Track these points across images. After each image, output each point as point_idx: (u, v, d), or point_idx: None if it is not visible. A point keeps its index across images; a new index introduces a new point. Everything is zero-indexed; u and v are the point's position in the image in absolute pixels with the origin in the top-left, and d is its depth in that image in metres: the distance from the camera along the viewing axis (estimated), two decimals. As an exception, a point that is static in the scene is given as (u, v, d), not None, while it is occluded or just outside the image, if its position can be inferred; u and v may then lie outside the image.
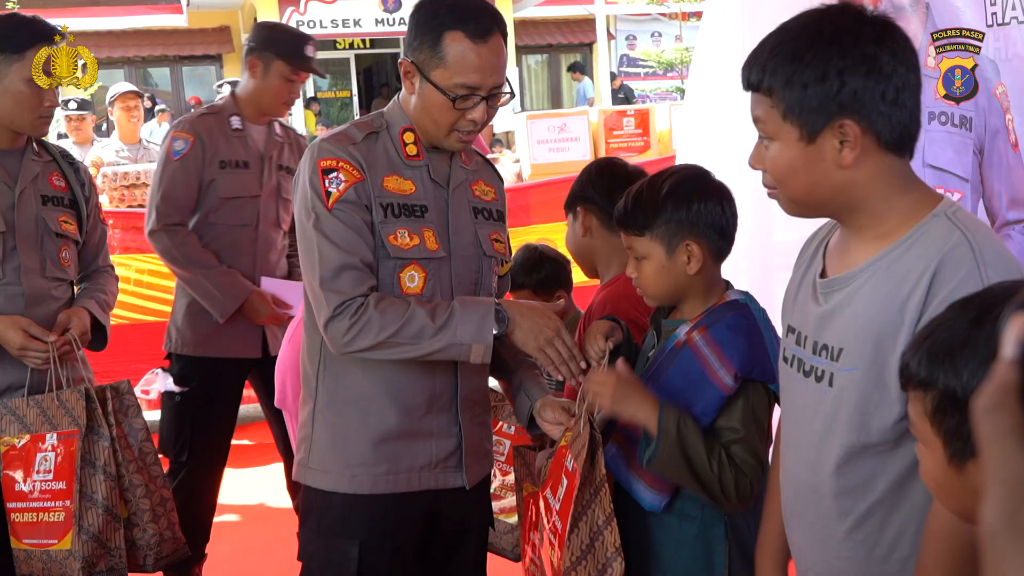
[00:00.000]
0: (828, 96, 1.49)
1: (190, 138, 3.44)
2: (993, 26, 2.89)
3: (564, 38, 22.46)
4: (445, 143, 2.19)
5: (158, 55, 20.49)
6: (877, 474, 1.54)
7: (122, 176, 5.62)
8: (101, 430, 2.56)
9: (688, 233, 1.96)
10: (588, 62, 21.98)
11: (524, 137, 8.33)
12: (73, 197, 2.84)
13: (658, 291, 2.03)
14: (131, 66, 20.50)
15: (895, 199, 1.54)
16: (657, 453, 1.87)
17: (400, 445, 2.17)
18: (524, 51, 22.06)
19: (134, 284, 5.16)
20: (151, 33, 20.11)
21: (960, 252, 1.45)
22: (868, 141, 1.51)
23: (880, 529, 1.55)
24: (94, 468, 2.52)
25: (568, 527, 1.88)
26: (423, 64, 2.11)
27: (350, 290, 2.05)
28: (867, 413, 1.52)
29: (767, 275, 4.04)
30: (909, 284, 1.47)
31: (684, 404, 1.92)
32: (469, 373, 2.24)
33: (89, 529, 2.49)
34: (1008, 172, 2.83)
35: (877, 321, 1.50)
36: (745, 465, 1.87)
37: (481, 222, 2.29)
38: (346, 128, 2.21)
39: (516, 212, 5.36)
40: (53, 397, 2.59)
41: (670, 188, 1.98)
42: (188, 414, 3.53)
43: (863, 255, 1.56)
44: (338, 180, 2.09)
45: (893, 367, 1.45)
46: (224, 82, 8.03)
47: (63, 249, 2.77)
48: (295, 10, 18.02)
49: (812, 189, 1.56)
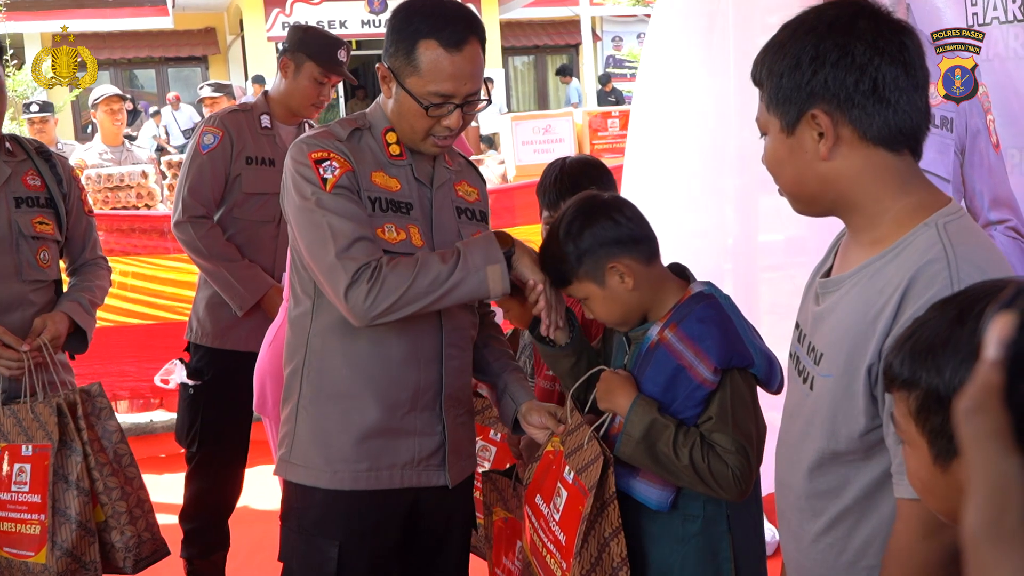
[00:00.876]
0: (799, 85, 1.49)
1: (219, 133, 3.47)
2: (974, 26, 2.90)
3: (550, 39, 22.47)
4: (422, 147, 2.20)
5: (144, 57, 20.42)
6: (847, 482, 1.53)
7: (105, 178, 5.58)
8: (74, 444, 2.53)
9: (604, 259, 1.97)
10: (574, 63, 21.98)
11: (509, 138, 8.32)
12: (50, 195, 2.80)
13: (617, 318, 2.03)
14: (117, 68, 20.42)
15: (889, 201, 1.50)
16: (619, 447, 1.91)
17: (383, 442, 2.16)
18: (510, 52, 22.05)
19: (118, 287, 5.11)
20: (137, 35, 20.04)
21: (935, 268, 1.39)
22: (847, 133, 1.48)
23: (848, 536, 1.54)
24: (67, 483, 2.49)
25: (579, 542, 1.88)
26: (398, 71, 2.12)
27: (364, 257, 2.04)
28: (836, 422, 1.51)
29: (752, 276, 4.05)
30: (884, 296, 1.44)
31: (666, 402, 1.92)
32: (454, 371, 2.23)
33: (63, 545, 2.46)
34: (990, 172, 2.84)
35: (853, 330, 1.48)
36: (724, 453, 1.86)
37: (464, 222, 2.29)
38: (330, 126, 2.21)
39: (501, 213, 5.36)
40: (28, 408, 2.56)
41: (563, 233, 2.01)
42: (200, 405, 3.56)
43: (857, 259, 1.53)
44: (332, 167, 2.09)
45: (861, 378, 1.45)
46: (206, 84, 8.00)
47: (41, 250, 2.74)
48: (280, 11, 17.97)
49: (799, 181, 1.55)
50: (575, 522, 1.91)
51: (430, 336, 2.19)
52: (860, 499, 1.52)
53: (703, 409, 1.90)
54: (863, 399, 1.46)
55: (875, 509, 1.51)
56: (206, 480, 3.60)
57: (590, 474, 1.90)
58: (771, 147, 1.57)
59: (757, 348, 1.94)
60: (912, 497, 1.36)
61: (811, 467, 1.56)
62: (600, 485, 1.88)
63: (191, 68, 21.19)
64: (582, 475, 1.92)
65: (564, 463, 2.00)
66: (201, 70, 21.08)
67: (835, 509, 1.55)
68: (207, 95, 7.59)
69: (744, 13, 3.94)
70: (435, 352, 2.20)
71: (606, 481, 1.89)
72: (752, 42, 3.94)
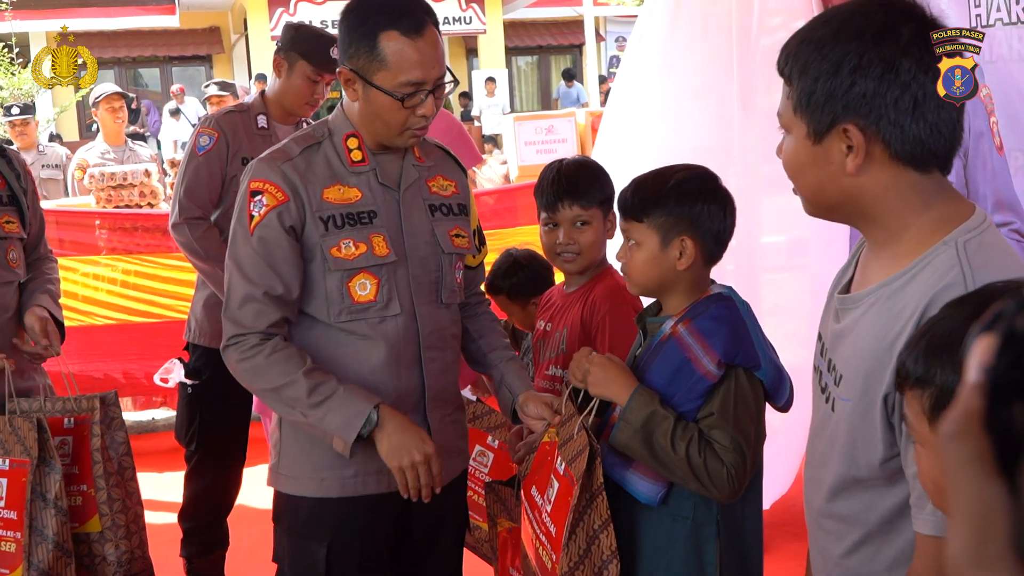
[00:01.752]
0: (835, 93, 1.38)
1: (215, 134, 3.47)
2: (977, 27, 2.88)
3: (554, 39, 22.46)
4: (398, 142, 2.17)
5: (148, 55, 20.43)
6: (870, 507, 1.49)
7: (108, 176, 5.57)
8: (53, 462, 2.48)
9: (685, 229, 1.97)
10: (578, 63, 21.98)
11: (511, 139, 8.30)
12: (12, 192, 2.76)
13: (644, 280, 2.03)
14: (121, 66, 20.44)
15: (911, 218, 1.43)
16: (616, 434, 1.90)
17: (368, 447, 2.12)
18: (514, 52, 22.04)
19: (120, 285, 5.12)
20: (141, 34, 20.05)
21: (952, 294, 1.32)
22: (877, 150, 1.40)
23: (872, 560, 1.51)
24: (44, 501, 2.44)
25: (566, 534, 1.87)
26: (363, 69, 2.09)
27: (249, 323, 2.08)
28: (855, 448, 1.46)
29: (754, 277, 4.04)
30: (901, 321, 1.38)
31: (669, 394, 1.91)
32: (435, 372, 2.22)
33: (39, 566, 2.41)
34: (993, 175, 2.82)
35: (870, 355, 1.42)
36: (722, 451, 1.85)
37: (439, 219, 2.25)
38: (285, 143, 2.19)
39: (503, 213, 5.35)
40: (6, 421, 2.50)
41: (677, 182, 1.99)
42: (198, 405, 3.56)
43: (876, 275, 1.47)
44: (260, 204, 2.09)
45: (878, 406, 1.40)
46: (212, 83, 8.00)
47: (10, 250, 2.70)
48: (285, 11, 17.96)
49: (820, 190, 1.48)
50: (564, 513, 1.90)
51: (407, 342, 2.17)
52: (883, 524, 1.48)
53: (704, 402, 1.89)
54: (880, 428, 1.41)
55: (899, 534, 1.46)
56: (205, 479, 3.60)
57: (578, 464, 1.88)
58: (793, 150, 1.48)
59: (768, 357, 1.94)
60: (931, 534, 1.34)
61: (832, 490, 1.53)
62: (588, 475, 1.86)
63: (195, 67, 21.22)
64: (572, 466, 1.91)
65: (557, 454, 1.99)
66: (205, 69, 21.11)
67: (858, 534, 1.51)
68: (213, 93, 7.59)
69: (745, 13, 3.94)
70: (414, 356, 2.19)
71: (594, 472, 1.88)
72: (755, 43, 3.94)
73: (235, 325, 2.10)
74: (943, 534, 1.32)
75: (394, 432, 2.05)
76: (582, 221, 2.45)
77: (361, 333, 2.13)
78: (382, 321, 2.14)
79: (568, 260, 2.48)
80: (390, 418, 2.06)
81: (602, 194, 2.48)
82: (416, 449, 2.04)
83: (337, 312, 2.12)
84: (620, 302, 2.39)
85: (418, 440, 2.05)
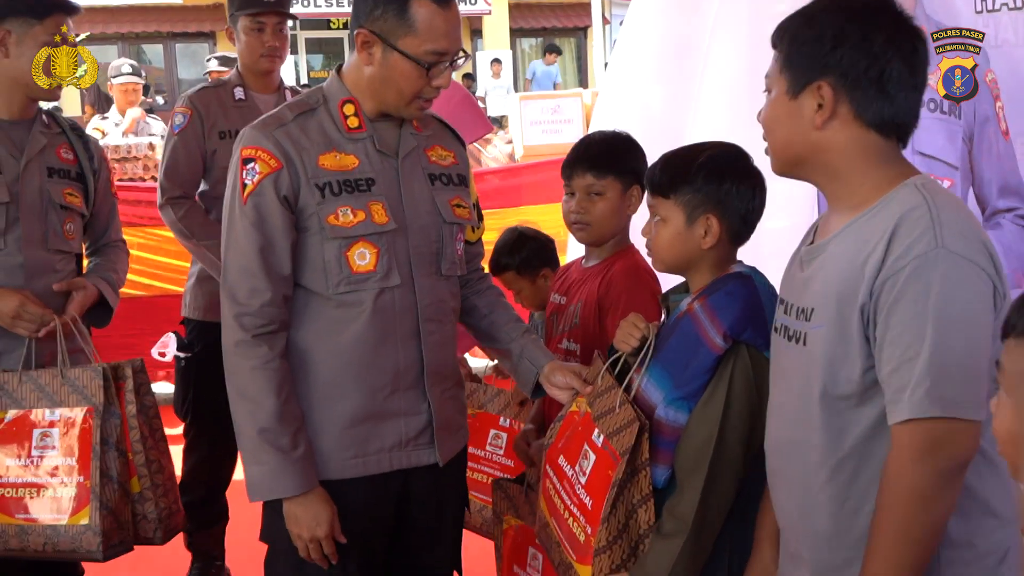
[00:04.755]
0: (816, 55, 1.59)
1: (188, 112, 3.47)
2: (983, 12, 2.88)
3: (559, 21, 22.37)
4: (406, 112, 2.13)
5: (152, 31, 20.35)
6: (845, 429, 1.59)
7: (112, 149, 5.58)
8: (114, 408, 2.58)
9: (712, 208, 1.96)
10: (583, 45, 21.91)
11: (517, 118, 8.27)
12: (81, 170, 2.84)
13: (668, 257, 2.02)
14: (125, 42, 20.36)
15: (871, 171, 1.61)
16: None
17: (368, 427, 2.11)
18: (519, 34, 21.97)
19: (123, 258, 5.12)
20: (145, 9, 19.96)
21: (918, 213, 1.51)
22: (844, 111, 1.59)
23: (850, 483, 1.59)
24: (108, 445, 2.54)
25: (607, 509, 1.87)
26: (388, 33, 2.03)
27: (244, 299, 2.07)
28: (834, 366, 1.57)
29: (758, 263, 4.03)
30: (871, 244, 1.53)
31: (680, 370, 1.91)
32: (434, 346, 2.17)
33: (108, 504, 2.51)
34: (998, 160, 2.82)
35: (841, 280, 1.56)
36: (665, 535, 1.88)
37: (439, 188, 2.20)
38: (279, 109, 2.14)
39: (508, 193, 5.33)
40: (55, 374, 2.58)
41: (705, 160, 1.97)
42: (192, 377, 3.58)
43: (839, 223, 1.62)
44: (253, 171, 2.04)
45: (855, 321, 1.54)
46: (212, 57, 7.98)
47: (67, 221, 2.76)
48: (289, -12, 17.88)
49: (788, 143, 1.66)
50: (603, 487, 1.89)
51: (405, 314, 2.13)
52: (858, 445, 1.58)
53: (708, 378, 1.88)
54: (858, 341, 1.54)
55: (874, 454, 1.57)
56: (201, 452, 3.62)
57: (622, 439, 1.88)
58: (771, 106, 1.68)
59: None
60: (907, 417, 1.47)
61: (812, 417, 1.61)
62: (633, 451, 1.86)
63: (199, 43, 21.12)
64: (613, 439, 1.90)
65: (593, 425, 1.98)
66: (208, 45, 21.01)
67: (835, 457, 1.60)
68: (213, 68, 7.57)
69: None
70: (412, 330, 2.14)
71: (640, 447, 1.87)
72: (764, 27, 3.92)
73: (233, 302, 2.08)
74: (919, 414, 1.46)
75: (304, 506, 2.05)
76: (595, 192, 2.43)
77: (360, 305, 2.08)
78: (381, 292, 2.09)
79: (579, 229, 2.46)
80: (306, 497, 2.05)
81: (622, 166, 2.45)
82: (317, 527, 2.05)
83: (336, 283, 2.07)
84: (638, 282, 2.38)
85: (320, 521, 2.05)
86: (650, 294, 2.36)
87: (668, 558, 1.85)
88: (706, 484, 1.85)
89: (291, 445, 2.03)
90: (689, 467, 1.87)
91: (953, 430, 1.47)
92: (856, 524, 1.59)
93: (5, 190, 2.63)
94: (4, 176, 2.65)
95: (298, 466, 2.04)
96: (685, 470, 1.88)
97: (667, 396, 1.92)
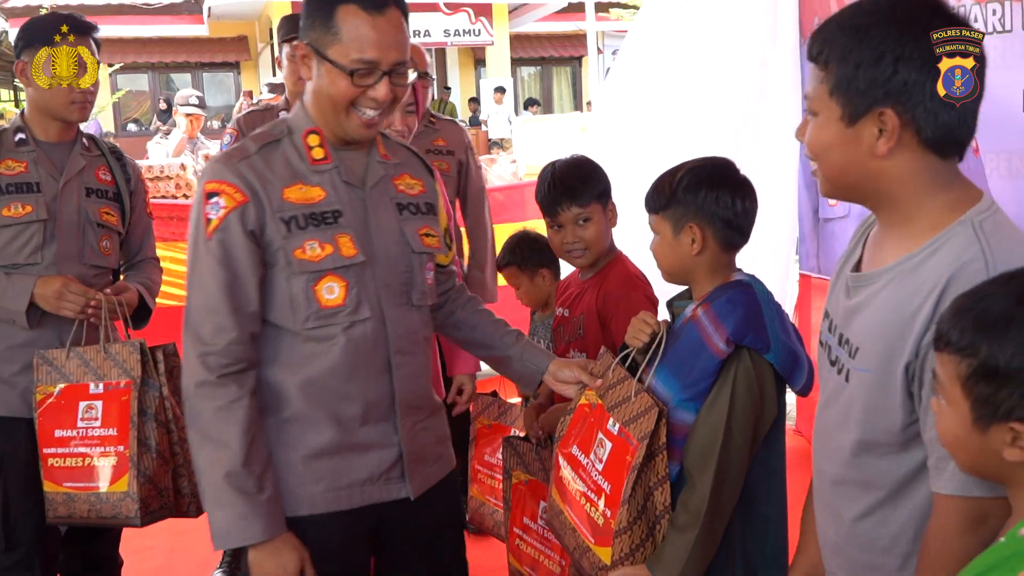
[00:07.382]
0: (877, 81, 1.37)
1: (234, 132, 3.51)
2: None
3: (556, 51, 22.47)
4: (347, 128, 1.91)
5: (180, 61, 20.43)
6: (883, 473, 1.48)
7: (146, 169, 5.61)
8: (151, 381, 2.62)
9: (692, 217, 1.95)
10: (578, 73, 21.98)
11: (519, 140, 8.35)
12: (118, 191, 2.86)
13: (666, 266, 2.02)
14: (155, 71, 20.45)
15: (927, 200, 1.43)
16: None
17: (337, 460, 1.93)
18: (519, 63, 22.07)
19: (157, 270, 5.14)
20: (174, 41, 20.07)
21: (973, 269, 1.33)
22: (907, 135, 1.39)
23: (883, 523, 1.51)
24: (146, 416, 2.58)
25: (627, 492, 1.86)
26: (318, 43, 1.86)
27: (209, 338, 1.84)
28: (874, 414, 1.45)
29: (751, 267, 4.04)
30: (921, 295, 1.37)
31: (685, 373, 1.90)
32: (405, 378, 1.99)
33: (146, 472, 2.54)
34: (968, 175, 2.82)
35: (889, 328, 1.41)
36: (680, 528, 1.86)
37: (407, 218, 2.01)
38: (242, 142, 1.94)
39: (512, 208, 5.43)
40: (99, 349, 2.62)
41: (685, 175, 1.98)
42: None
43: (891, 255, 1.46)
44: (217, 206, 1.85)
45: (899, 376, 1.40)
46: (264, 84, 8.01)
47: (104, 239, 2.77)
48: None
49: (844, 170, 1.46)
50: (622, 471, 1.89)
51: (377, 347, 1.94)
52: (895, 490, 1.48)
53: (714, 381, 1.88)
54: (900, 396, 1.40)
55: (909, 498, 1.47)
56: None
57: (640, 425, 1.87)
58: (820, 130, 1.46)
59: (781, 341, 1.89)
60: (951, 493, 1.35)
61: (847, 456, 1.52)
62: (652, 435, 1.86)
63: (224, 73, 21.20)
64: (629, 426, 1.90)
65: (607, 415, 1.97)
66: (234, 75, 21.10)
67: (871, 498, 1.51)
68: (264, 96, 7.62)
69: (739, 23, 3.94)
70: (383, 362, 1.96)
71: (658, 432, 1.87)
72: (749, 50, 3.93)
73: (197, 341, 1.85)
74: (966, 493, 1.34)
75: (272, 553, 1.85)
76: (583, 219, 2.42)
77: (330, 340, 1.90)
78: (351, 326, 1.90)
79: (577, 256, 2.45)
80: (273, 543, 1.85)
81: (597, 189, 2.44)
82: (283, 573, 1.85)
83: (304, 319, 1.88)
84: (632, 288, 2.37)
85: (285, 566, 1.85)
86: (645, 298, 2.36)
87: (684, 549, 1.85)
88: (715, 480, 1.85)
89: (256, 488, 1.83)
90: (699, 464, 1.87)
91: (997, 504, 1.33)
92: (887, 563, 1.51)
93: (44, 208, 2.64)
94: (43, 195, 2.66)
95: (264, 509, 1.83)
96: (696, 467, 1.88)
97: (675, 398, 1.91)
